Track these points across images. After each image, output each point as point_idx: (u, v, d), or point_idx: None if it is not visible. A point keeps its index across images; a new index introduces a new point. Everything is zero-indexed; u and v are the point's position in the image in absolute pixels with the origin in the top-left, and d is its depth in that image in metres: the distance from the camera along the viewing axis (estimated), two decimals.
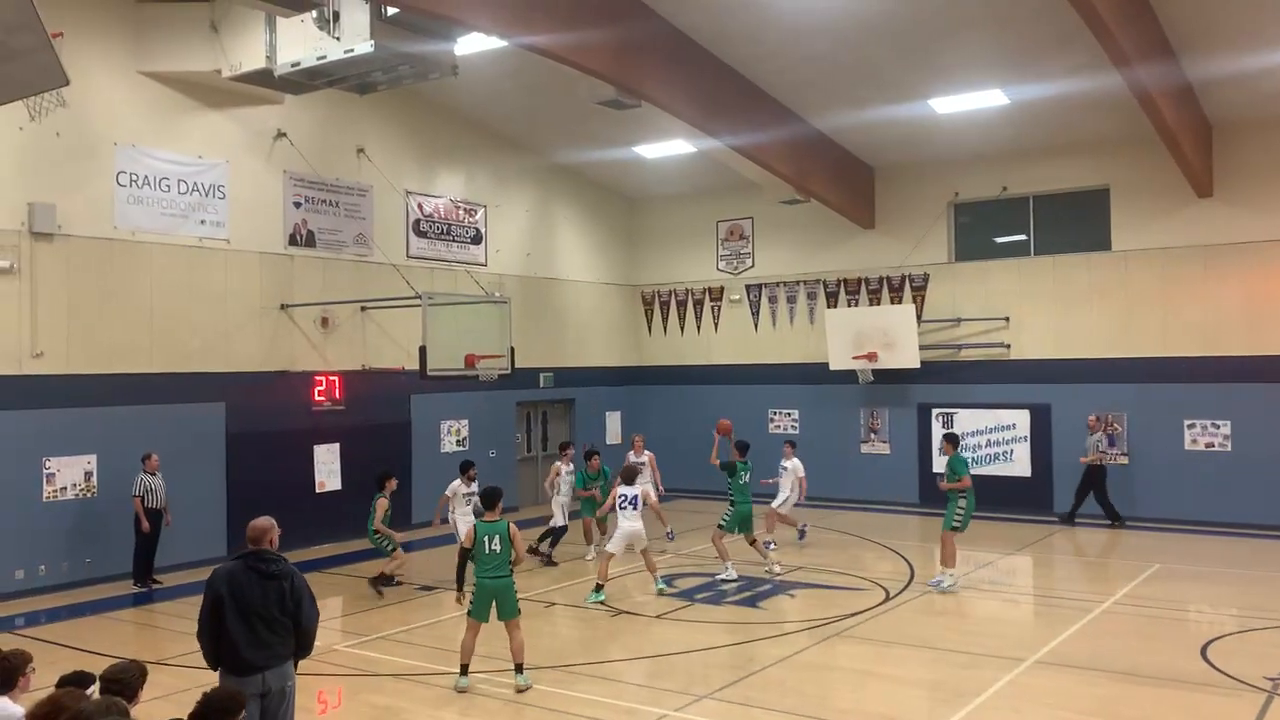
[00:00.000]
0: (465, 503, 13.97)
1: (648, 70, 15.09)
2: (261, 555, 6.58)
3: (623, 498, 13.11)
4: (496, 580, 9.34)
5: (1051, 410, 18.89)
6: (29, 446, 13.48)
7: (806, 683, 9.60)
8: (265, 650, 6.35)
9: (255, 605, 6.37)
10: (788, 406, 21.92)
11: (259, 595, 6.39)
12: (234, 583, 6.38)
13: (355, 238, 17.89)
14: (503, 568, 9.34)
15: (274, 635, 6.41)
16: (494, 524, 9.41)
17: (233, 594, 6.35)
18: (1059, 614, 12.13)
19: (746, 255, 22.85)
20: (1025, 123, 17.84)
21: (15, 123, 12.97)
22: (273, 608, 6.40)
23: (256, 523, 6.75)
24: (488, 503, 9.69)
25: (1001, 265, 19.85)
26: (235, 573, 6.44)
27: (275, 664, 6.41)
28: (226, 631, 6.31)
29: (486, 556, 9.32)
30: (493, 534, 9.36)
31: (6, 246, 13.36)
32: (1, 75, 6.55)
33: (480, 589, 9.40)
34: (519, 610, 9.47)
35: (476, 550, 9.37)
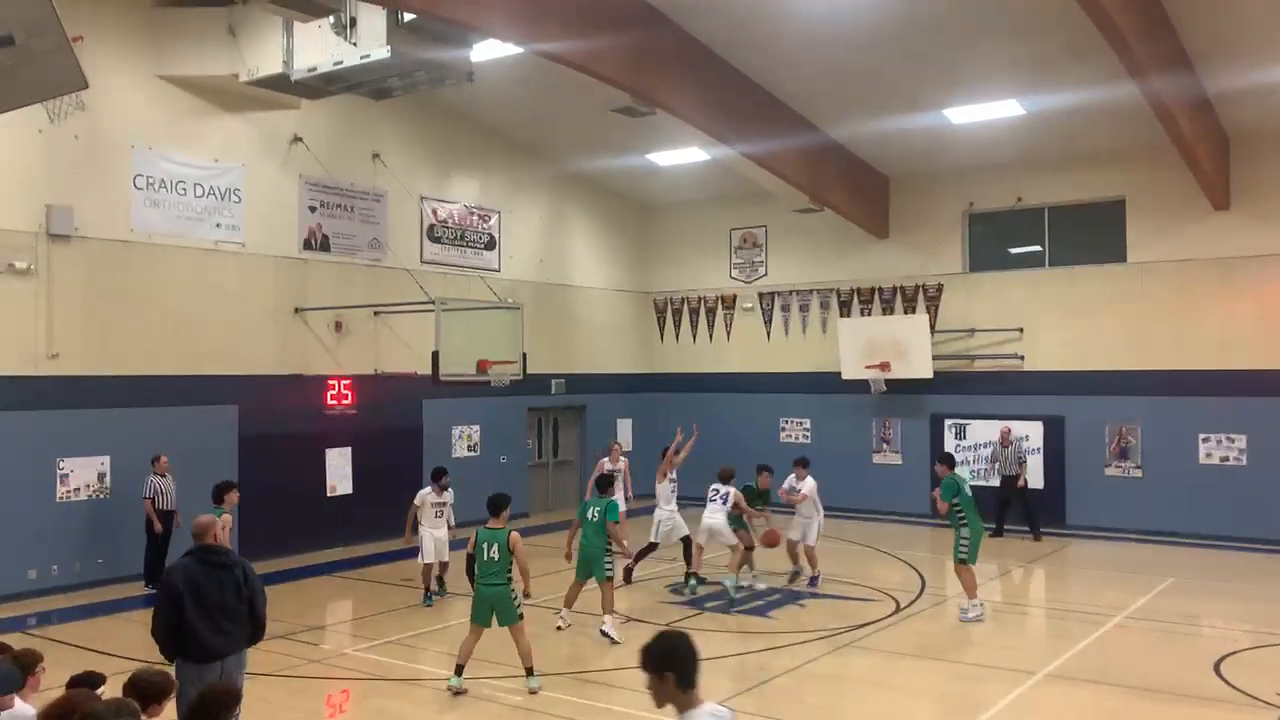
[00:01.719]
0: (435, 515, 13.05)
1: (662, 77, 15.11)
2: (210, 549, 6.94)
3: (714, 491, 13.57)
4: (492, 588, 9.35)
5: (1065, 422, 18.79)
6: (43, 447, 13.56)
7: (816, 693, 9.57)
8: (225, 638, 6.73)
9: (213, 596, 6.70)
10: (799, 415, 21.88)
11: (215, 586, 6.73)
12: (190, 578, 6.71)
13: (370, 242, 17.95)
14: (499, 576, 9.34)
15: (232, 623, 6.76)
16: (495, 531, 9.44)
17: (191, 588, 6.65)
18: (1070, 627, 12.06)
19: (760, 263, 22.84)
20: (1041, 133, 17.79)
21: (34, 125, 13.07)
22: (229, 596, 6.75)
23: (200, 520, 7.12)
24: (492, 509, 9.64)
25: (1016, 276, 19.78)
26: (190, 568, 6.78)
27: (234, 650, 6.81)
28: (188, 624, 6.61)
29: (484, 564, 9.37)
30: (492, 541, 9.37)
31: (24, 248, 13.46)
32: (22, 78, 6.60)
33: (478, 595, 9.47)
34: (520, 616, 9.43)
35: (475, 556, 9.44)
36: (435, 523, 12.99)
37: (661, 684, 4.35)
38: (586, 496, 14.48)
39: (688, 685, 4.35)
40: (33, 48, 6.37)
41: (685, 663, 4.37)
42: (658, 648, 4.39)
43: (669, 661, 4.35)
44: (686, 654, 4.38)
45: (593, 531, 11.54)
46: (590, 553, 11.51)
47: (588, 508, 11.71)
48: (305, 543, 16.38)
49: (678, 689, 4.34)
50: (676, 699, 4.35)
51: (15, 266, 13.34)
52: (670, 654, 4.37)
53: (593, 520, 11.57)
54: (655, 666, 4.34)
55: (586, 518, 11.64)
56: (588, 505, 11.77)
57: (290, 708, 9.22)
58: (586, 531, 11.59)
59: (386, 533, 17.29)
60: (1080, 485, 18.35)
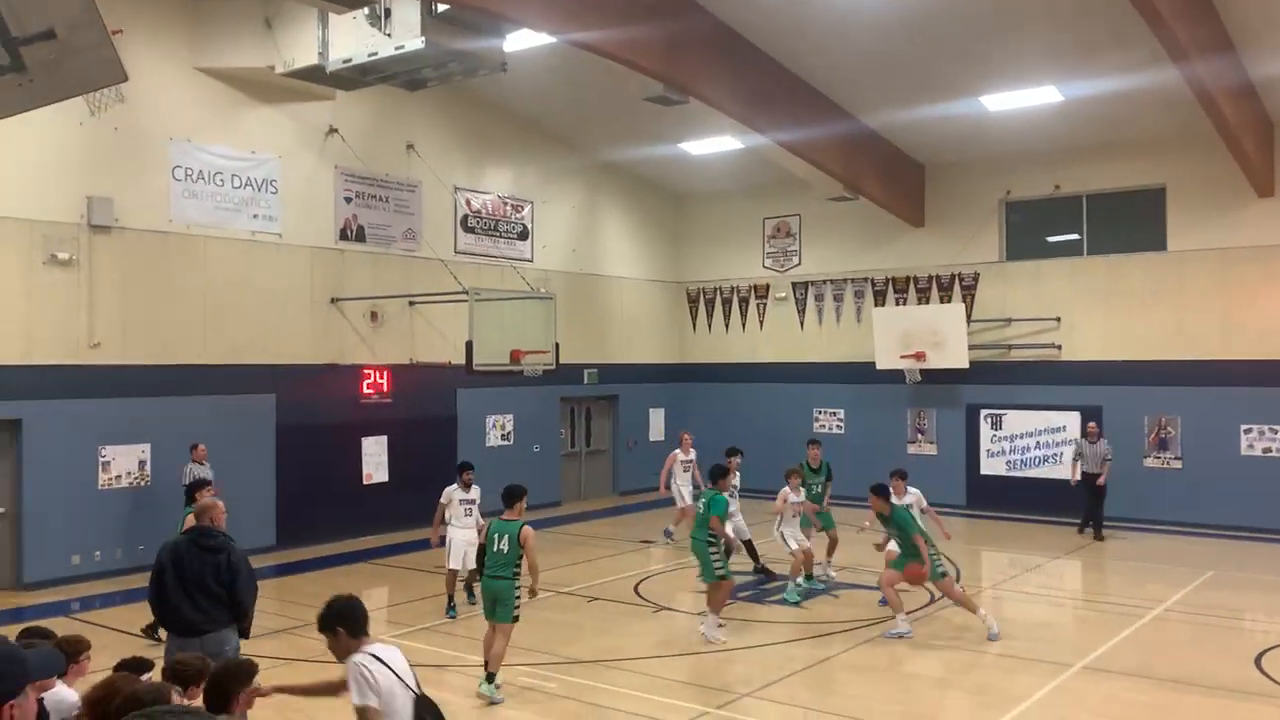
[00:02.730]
0: (464, 513, 12.22)
1: (696, 66, 15.06)
2: (205, 531, 7.31)
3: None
4: (496, 581, 9.07)
5: (1103, 412, 18.56)
6: (86, 435, 13.79)
7: (849, 684, 9.54)
8: (203, 615, 7.06)
9: (193, 576, 7.08)
10: (833, 406, 21.78)
11: (197, 567, 7.09)
12: (176, 555, 7.14)
13: (404, 233, 18.06)
14: (505, 569, 9.02)
15: (210, 603, 7.09)
16: (508, 523, 9.14)
17: (174, 565, 7.08)
18: (1107, 619, 11.94)
19: (793, 253, 22.73)
20: (1079, 120, 17.54)
21: (76, 118, 13.24)
22: (208, 579, 7.09)
23: (202, 503, 7.59)
24: (506, 500, 9.35)
25: (1053, 265, 19.55)
26: (179, 546, 7.22)
27: (212, 629, 7.07)
28: (168, 598, 7.08)
29: (493, 555, 9.11)
30: (503, 533, 9.09)
31: (66, 239, 13.67)
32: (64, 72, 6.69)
33: (484, 587, 9.33)
34: (513, 618, 9.07)
35: (486, 546, 9.24)
36: (465, 521, 12.17)
37: (336, 639, 5.32)
38: (661, 490, 14.61)
39: (357, 635, 5.31)
40: (74, 42, 6.45)
41: (349, 618, 5.35)
42: (325, 613, 5.33)
43: (336, 619, 5.33)
44: (349, 610, 5.37)
45: (697, 524, 11.16)
46: (694, 548, 11.15)
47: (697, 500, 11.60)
48: (342, 530, 16.55)
49: (350, 639, 5.31)
50: (350, 647, 5.29)
51: (58, 257, 13.56)
52: (336, 614, 5.34)
53: (699, 513, 11.32)
54: (327, 627, 5.34)
55: (697, 510, 11.49)
56: (699, 498, 11.59)
57: None
58: (695, 524, 11.23)
59: (421, 521, 17.40)
60: (1118, 476, 18.09)
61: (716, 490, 11.20)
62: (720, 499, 11.11)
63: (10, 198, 13.17)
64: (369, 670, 5.23)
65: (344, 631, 5.36)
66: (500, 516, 9.33)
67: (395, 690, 5.33)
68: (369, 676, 5.23)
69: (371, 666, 5.27)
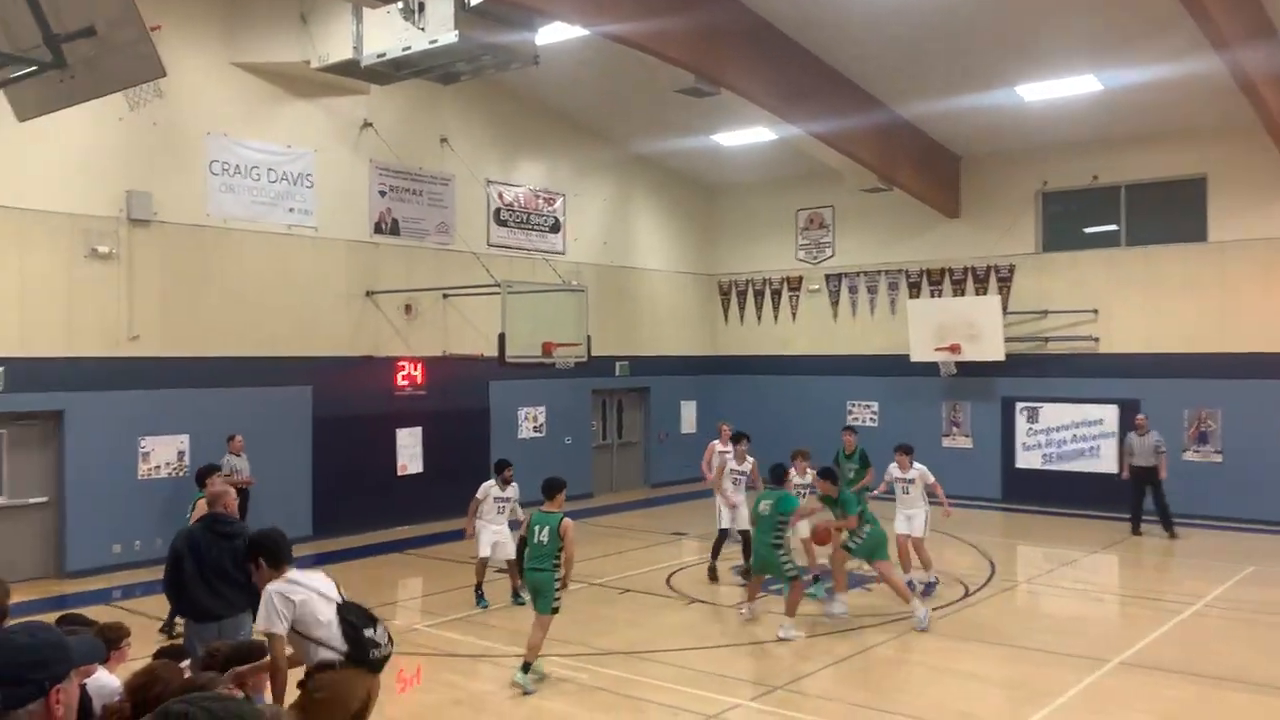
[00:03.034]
0: (497, 510, 12.07)
1: (728, 57, 15.01)
2: (219, 518, 7.45)
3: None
4: (536, 573, 9.12)
5: (1141, 406, 18.30)
6: (126, 426, 13.99)
7: (882, 677, 9.50)
8: (221, 600, 7.21)
9: (211, 562, 7.21)
10: (867, 399, 21.66)
11: (214, 553, 7.22)
12: (193, 542, 7.28)
13: (437, 226, 18.16)
14: (544, 561, 9.05)
15: (228, 588, 7.20)
16: (548, 515, 9.16)
17: (192, 552, 7.22)
18: (1146, 615, 11.81)
19: (826, 244, 22.61)
20: (1118, 109, 17.30)
21: (115, 114, 13.39)
22: (226, 564, 7.19)
23: (213, 490, 7.82)
24: (547, 492, 9.35)
25: (1091, 256, 19.31)
26: (194, 533, 7.38)
27: (230, 614, 7.21)
28: (186, 584, 7.22)
29: (534, 547, 9.14)
30: (543, 525, 9.09)
31: (106, 233, 13.87)
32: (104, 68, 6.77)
33: (526, 579, 9.48)
34: (552, 610, 9.07)
35: (527, 538, 9.26)
36: (497, 519, 12.06)
37: (259, 571, 5.83)
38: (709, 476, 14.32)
39: (277, 565, 5.84)
40: (113, 38, 6.52)
41: (268, 549, 5.88)
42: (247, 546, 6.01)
43: (256, 551, 5.89)
44: (268, 542, 5.92)
45: (764, 528, 10.91)
46: (762, 549, 10.90)
47: (759, 500, 11.07)
48: (377, 521, 16.70)
49: (270, 569, 5.82)
50: (269, 578, 5.77)
51: (98, 251, 13.76)
52: (256, 546, 5.93)
53: (764, 514, 10.94)
54: (249, 559, 5.92)
55: (759, 511, 11.01)
56: (760, 498, 11.14)
57: None
58: (760, 526, 11.01)
59: (456, 511, 17.49)
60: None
61: (784, 490, 11.21)
62: (790, 498, 11.09)
63: (52, 192, 13.37)
64: (277, 596, 5.65)
65: (264, 563, 5.85)
66: (540, 508, 9.36)
67: (314, 602, 5.72)
68: (276, 603, 5.63)
69: (283, 591, 5.68)
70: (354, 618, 5.78)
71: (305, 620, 5.69)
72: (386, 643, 5.84)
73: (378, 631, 5.82)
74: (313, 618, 5.69)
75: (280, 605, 5.64)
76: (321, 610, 5.72)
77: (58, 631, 2.89)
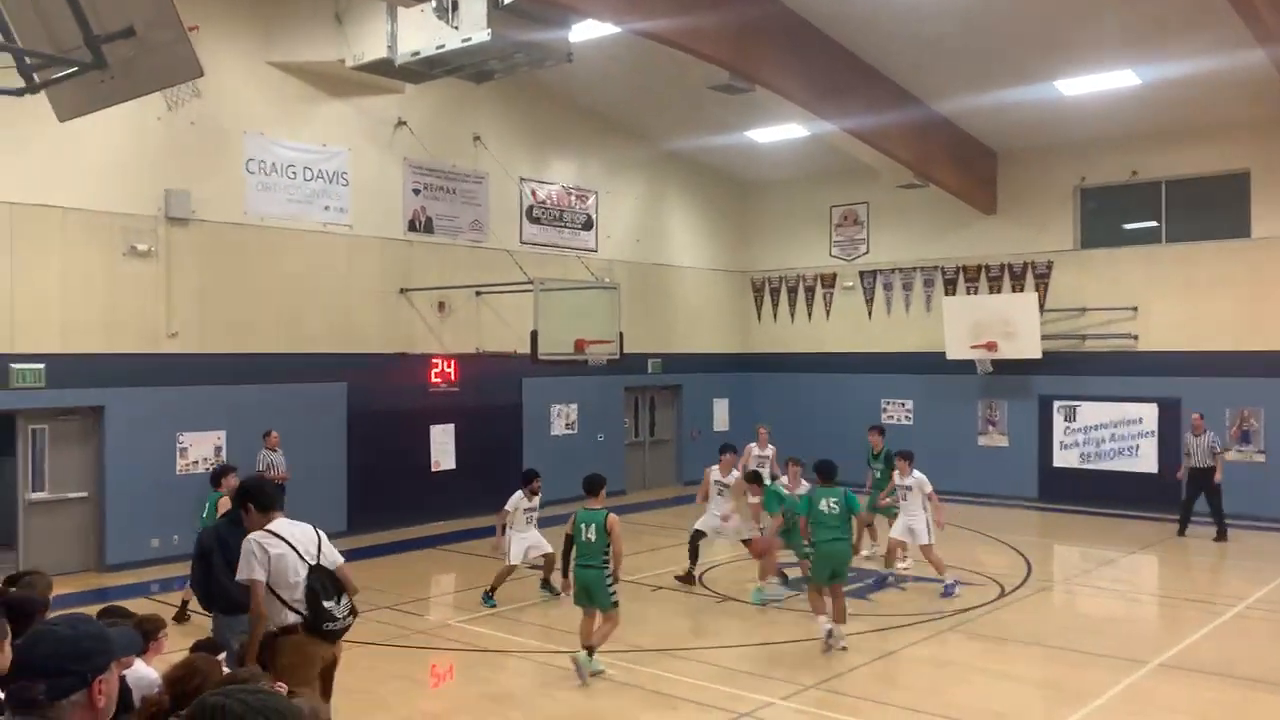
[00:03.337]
0: (525, 521, 12.03)
1: (762, 54, 14.94)
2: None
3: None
4: (587, 570, 9.15)
5: (1181, 404, 18.05)
6: (164, 422, 14.17)
7: (916, 677, 9.43)
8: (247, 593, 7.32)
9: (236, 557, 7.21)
10: (902, 396, 21.51)
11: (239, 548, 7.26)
12: (219, 538, 7.41)
13: (471, 224, 18.23)
14: (594, 558, 9.10)
15: None
16: (594, 512, 9.22)
17: (220, 548, 7.29)
18: (1185, 616, 11.64)
19: (861, 241, 22.46)
20: (1158, 104, 17.04)
21: (154, 113, 13.58)
22: None
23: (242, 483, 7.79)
24: (590, 489, 9.48)
25: (1130, 253, 19.05)
26: (220, 529, 7.54)
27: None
28: (216, 579, 7.31)
29: (582, 544, 9.19)
30: (590, 522, 9.14)
31: (145, 231, 14.04)
32: (142, 68, 6.84)
33: (575, 577, 9.35)
34: (612, 604, 9.16)
35: (573, 536, 9.27)
36: (526, 529, 12.03)
37: (248, 515, 6.14)
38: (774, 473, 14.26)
39: (265, 510, 6.17)
40: (152, 39, 6.59)
41: (257, 494, 6.28)
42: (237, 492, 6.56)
43: (245, 496, 6.27)
44: (257, 488, 6.42)
45: (839, 526, 10.11)
46: (839, 550, 10.17)
47: (819, 498, 10.19)
48: (410, 517, 16.81)
49: (259, 514, 6.15)
50: (259, 522, 6.09)
51: (137, 249, 13.94)
52: (245, 491, 6.35)
53: (831, 512, 10.07)
54: (239, 504, 6.34)
55: (821, 510, 10.11)
56: (819, 496, 10.23)
57: (395, 676, 9.49)
58: (828, 525, 10.09)
59: (488, 508, 17.57)
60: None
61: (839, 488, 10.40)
62: (854, 496, 10.45)
63: (92, 191, 13.56)
64: (258, 545, 5.92)
65: (254, 507, 6.15)
66: (584, 505, 9.41)
67: (289, 558, 5.93)
68: (255, 552, 5.90)
69: (263, 541, 5.94)
70: (319, 585, 5.97)
71: (277, 576, 5.92)
72: (344, 616, 6.03)
73: (340, 604, 6.00)
74: (284, 575, 5.90)
75: (259, 554, 5.87)
76: (294, 568, 5.92)
77: (98, 624, 2.93)
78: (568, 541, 9.44)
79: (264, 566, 5.87)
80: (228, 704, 2.24)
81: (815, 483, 10.58)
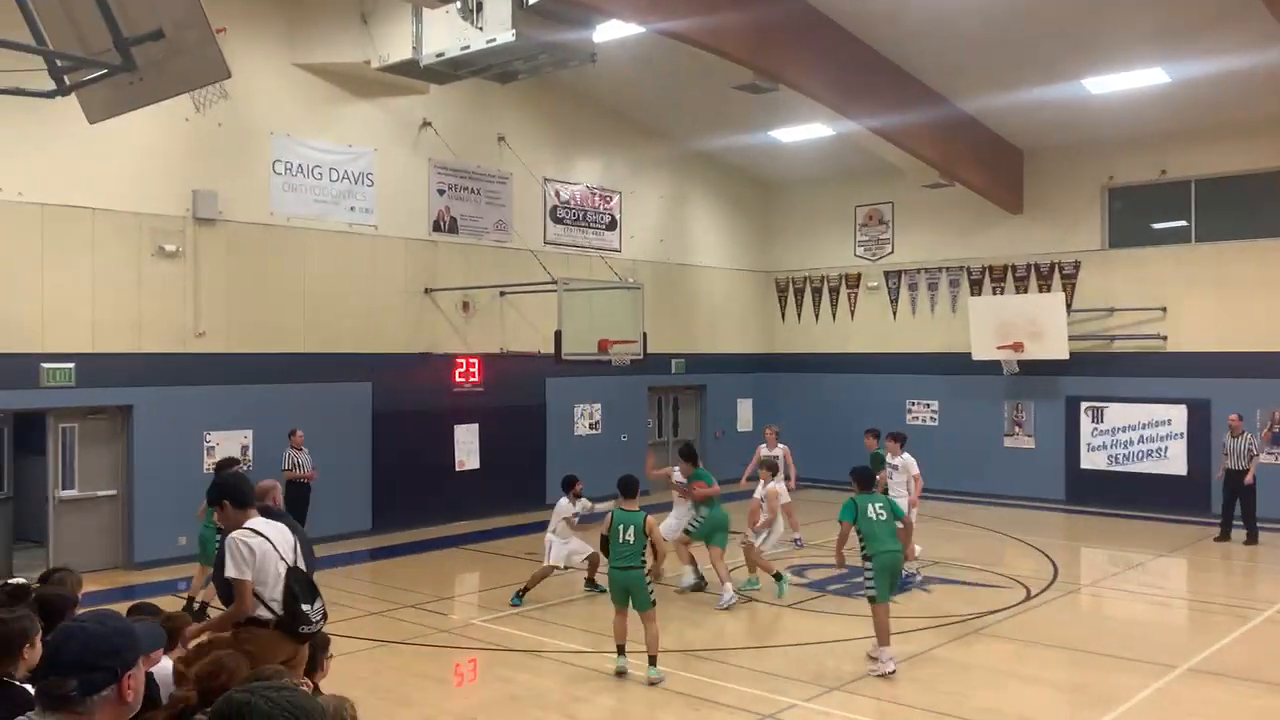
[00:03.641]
0: (569, 526, 12.00)
1: (786, 53, 14.90)
2: (268, 510, 7.58)
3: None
4: (626, 571, 9.19)
5: (1211, 406, 17.85)
6: (191, 421, 14.29)
7: (942, 680, 9.36)
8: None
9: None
10: (927, 397, 21.38)
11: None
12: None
13: (495, 224, 18.28)
14: (634, 558, 9.15)
15: None
16: (631, 514, 9.28)
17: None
18: (1215, 620, 11.50)
19: (886, 241, 22.35)
20: (1188, 102, 16.86)
21: (182, 115, 13.67)
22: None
23: (261, 484, 7.92)
24: (626, 491, 9.52)
25: (1159, 252, 18.85)
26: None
27: None
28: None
29: (619, 546, 9.21)
30: (628, 524, 9.20)
31: (173, 232, 14.17)
32: (172, 70, 6.91)
33: (611, 579, 9.39)
34: (652, 602, 9.21)
35: (611, 538, 9.29)
36: (569, 535, 12.00)
37: (224, 511, 6.12)
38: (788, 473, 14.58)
39: (243, 506, 6.15)
40: (180, 41, 6.66)
41: (234, 490, 6.22)
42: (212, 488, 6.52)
43: (221, 493, 6.22)
44: (234, 484, 6.37)
45: (889, 535, 9.57)
46: (898, 562, 9.74)
47: (865, 504, 9.61)
48: (434, 516, 16.87)
49: (236, 511, 6.11)
50: (237, 519, 6.07)
51: (165, 249, 14.07)
52: (221, 488, 6.35)
53: (879, 519, 9.55)
54: (214, 501, 6.30)
55: (868, 517, 9.54)
56: (864, 502, 9.65)
57: (419, 674, 9.52)
58: (879, 535, 9.49)
59: (512, 509, 17.72)
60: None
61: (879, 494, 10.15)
62: (895, 503, 10.16)
63: (120, 192, 13.70)
64: (244, 544, 5.95)
65: (229, 504, 6.15)
66: (620, 506, 9.46)
67: (269, 557, 6.00)
68: (243, 550, 5.93)
69: (249, 540, 5.98)
70: (298, 587, 6.07)
71: (259, 574, 6.00)
72: (319, 619, 6.11)
73: (315, 607, 6.09)
74: (265, 573, 5.99)
75: (245, 553, 5.93)
76: (274, 567, 6.02)
77: (126, 620, 2.97)
78: (604, 542, 9.48)
79: (250, 565, 5.96)
80: (253, 700, 2.25)
81: (853, 490, 9.92)
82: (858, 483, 9.89)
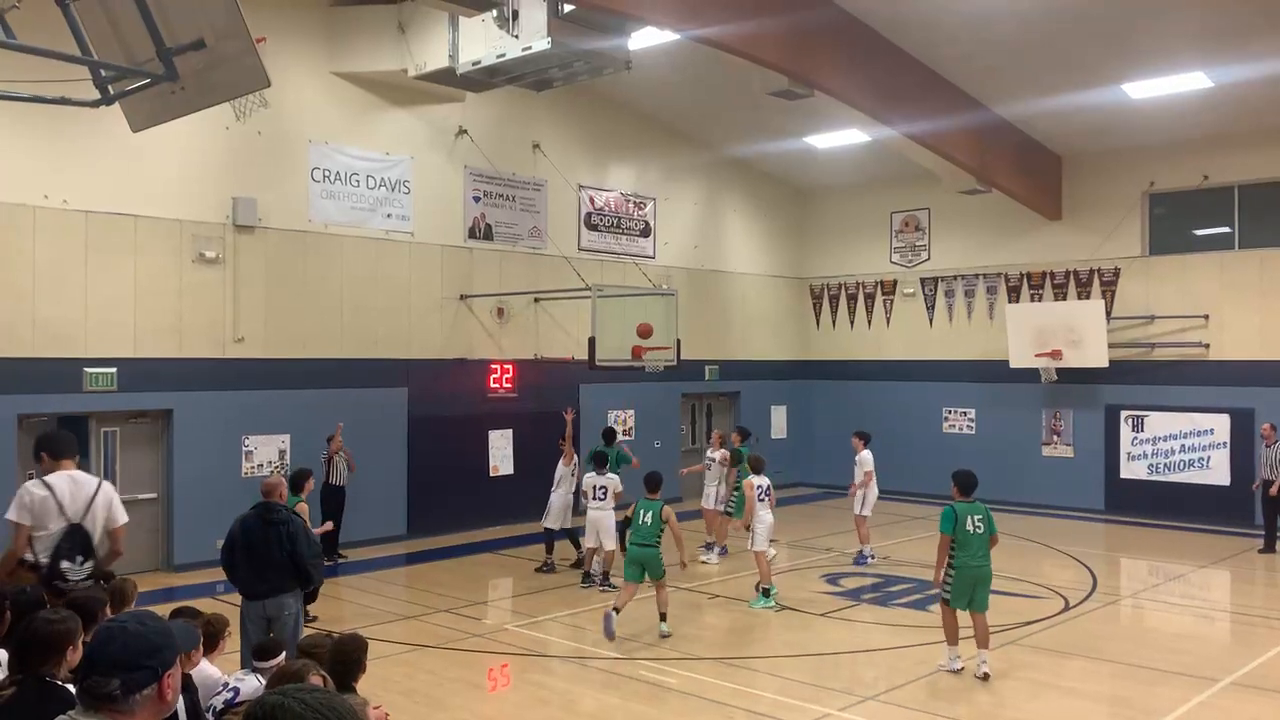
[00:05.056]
0: (595, 496, 12.78)
1: (821, 59, 14.85)
2: (269, 506, 8.12)
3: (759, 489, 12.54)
4: (644, 549, 10.77)
5: (1255, 415, 17.54)
6: (231, 425, 14.46)
7: (978, 690, 9.26)
8: (265, 584, 7.94)
9: (258, 546, 7.93)
10: (963, 405, 21.19)
11: (262, 538, 7.93)
12: (245, 527, 8.02)
13: (530, 231, 18.36)
14: (651, 538, 10.76)
15: (273, 571, 7.91)
16: (652, 502, 10.97)
17: (244, 536, 7.97)
18: (1259, 634, 11.29)
19: (922, 248, 22.20)
20: (1230, 107, 16.61)
21: (222, 123, 13.82)
22: (273, 549, 7.89)
23: (268, 480, 8.45)
24: (651, 485, 11.19)
25: (1201, 259, 18.57)
26: (248, 519, 8.07)
27: (273, 595, 7.94)
28: (237, 565, 8.02)
29: (638, 527, 10.90)
30: (647, 510, 10.90)
31: (213, 239, 14.36)
32: (213, 79, 7.02)
33: (630, 554, 10.94)
34: (664, 572, 10.83)
35: (632, 521, 11.00)
36: (594, 503, 12.74)
37: (40, 464, 6.51)
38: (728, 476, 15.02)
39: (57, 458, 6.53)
40: (222, 50, 6.76)
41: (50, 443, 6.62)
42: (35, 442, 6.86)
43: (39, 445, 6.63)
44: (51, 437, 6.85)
45: (981, 549, 9.40)
46: (985, 575, 9.46)
47: (965, 515, 9.39)
48: (469, 521, 16.95)
49: (51, 461, 6.50)
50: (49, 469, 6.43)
51: (205, 256, 14.25)
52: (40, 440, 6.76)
53: (976, 532, 9.36)
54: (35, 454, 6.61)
55: (967, 530, 9.37)
56: (965, 512, 9.42)
57: (452, 679, 9.57)
58: (972, 546, 9.36)
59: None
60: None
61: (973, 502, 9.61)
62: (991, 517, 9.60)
63: (162, 200, 13.90)
64: (30, 492, 6.34)
65: (45, 455, 6.54)
66: (645, 497, 11.08)
67: (47, 506, 6.31)
68: (25, 499, 6.32)
69: (35, 490, 6.34)
70: (67, 543, 6.36)
71: (36, 521, 6.30)
72: (78, 581, 6.32)
73: (77, 564, 6.38)
74: (43, 522, 6.29)
75: (27, 501, 6.31)
76: (51, 519, 6.31)
77: (163, 620, 3.02)
78: (625, 523, 11.37)
79: (29, 512, 6.30)
80: (286, 702, 2.28)
81: (953, 497, 9.57)
82: (959, 488, 9.54)
